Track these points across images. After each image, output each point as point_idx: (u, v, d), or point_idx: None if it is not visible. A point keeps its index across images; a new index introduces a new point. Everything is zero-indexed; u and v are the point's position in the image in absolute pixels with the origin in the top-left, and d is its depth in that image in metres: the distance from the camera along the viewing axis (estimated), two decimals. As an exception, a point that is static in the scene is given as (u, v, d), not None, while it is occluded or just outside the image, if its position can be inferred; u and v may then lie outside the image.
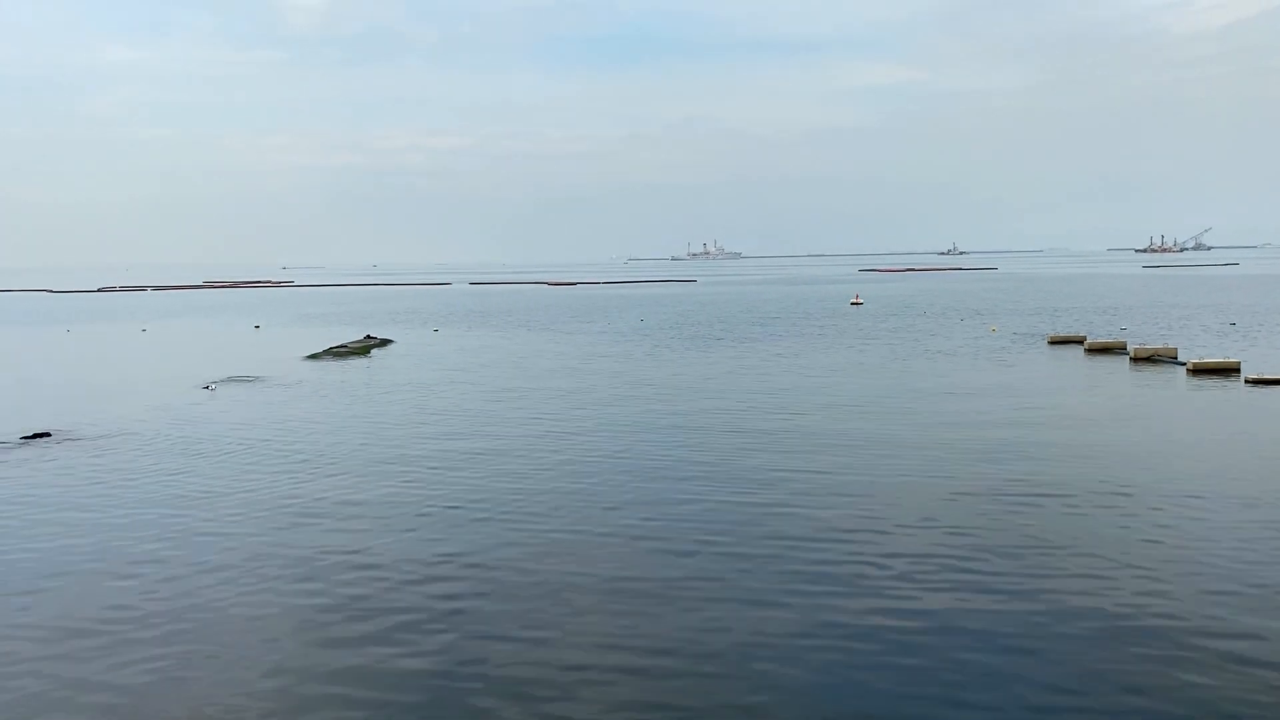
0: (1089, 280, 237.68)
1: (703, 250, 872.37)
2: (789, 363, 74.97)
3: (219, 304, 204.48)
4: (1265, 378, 58.15)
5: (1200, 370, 63.35)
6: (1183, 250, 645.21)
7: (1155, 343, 79.38)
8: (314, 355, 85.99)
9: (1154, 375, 64.22)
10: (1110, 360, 72.84)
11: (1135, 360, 71.27)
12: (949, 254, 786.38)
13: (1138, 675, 20.12)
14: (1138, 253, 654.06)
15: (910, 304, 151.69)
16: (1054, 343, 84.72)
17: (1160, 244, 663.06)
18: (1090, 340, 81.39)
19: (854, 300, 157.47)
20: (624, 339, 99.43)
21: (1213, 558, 26.80)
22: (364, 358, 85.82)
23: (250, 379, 69.91)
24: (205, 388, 65.41)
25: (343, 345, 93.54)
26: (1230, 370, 62.95)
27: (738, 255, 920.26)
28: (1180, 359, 69.31)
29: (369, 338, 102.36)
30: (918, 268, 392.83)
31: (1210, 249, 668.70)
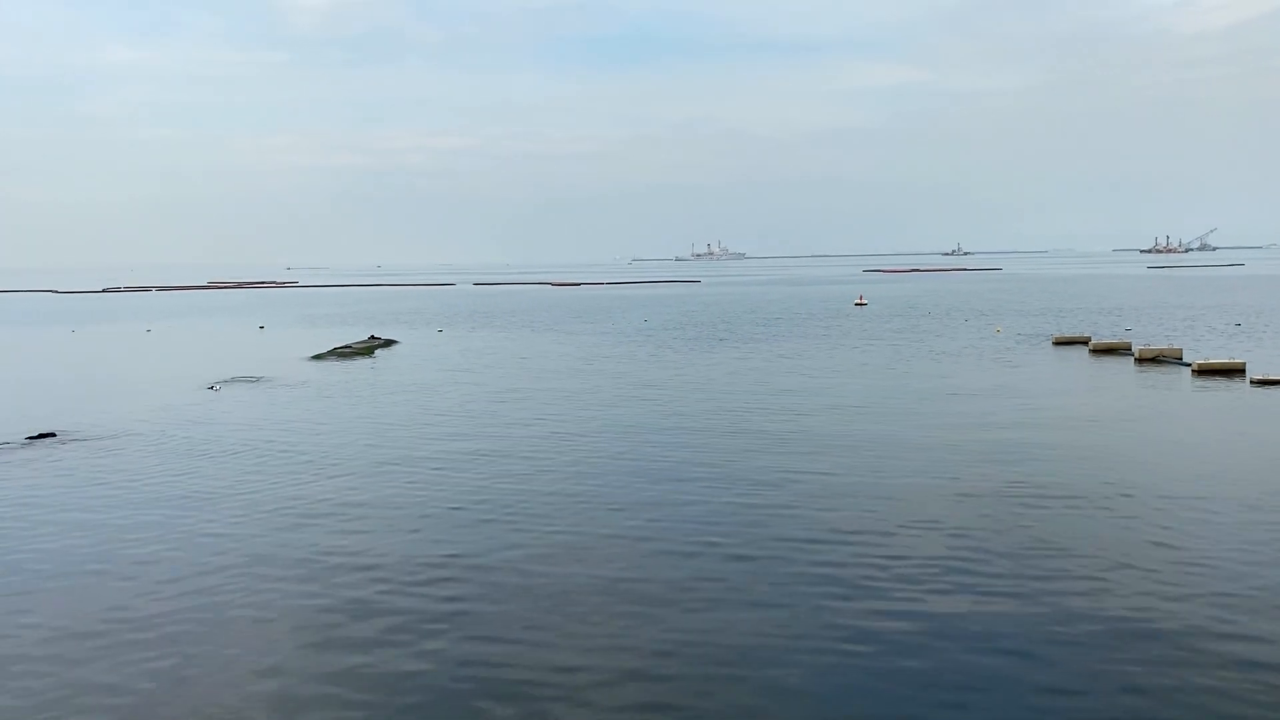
0: (1094, 281, 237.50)
1: (706, 251, 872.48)
2: (793, 364, 74.94)
3: (223, 304, 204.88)
4: (1271, 378, 58.03)
5: (1205, 371, 63.25)
6: (1188, 251, 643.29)
7: (1160, 344, 79.29)
8: (318, 356, 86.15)
9: (1159, 376, 64.11)
10: (1115, 361, 72.74)
11: (1140, 361, 71.18)
12: (953, 254, 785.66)
13: (1141, 678, 20.06)
14: (1143, 253, 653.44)
15: (914, 305, 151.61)
16: (1059, 343, 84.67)
17: (1165, 245, 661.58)
18: (1095, 341, 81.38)
19: (858, 301, 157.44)
20: (628, 339, 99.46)
21: (1217, 560, 26.74)
22: (368, 358, 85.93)
23: (254, 379, 70.02)
24: (209, 388, 65.52)
25: (347, 346, 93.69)
26: (1235, 371, 62.84)
27: (741, 256, 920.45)
28: (1185, 360, 69.23)
29: (373, 338, 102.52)
30: (922, 268, 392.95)
31: (1215, 249, 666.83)
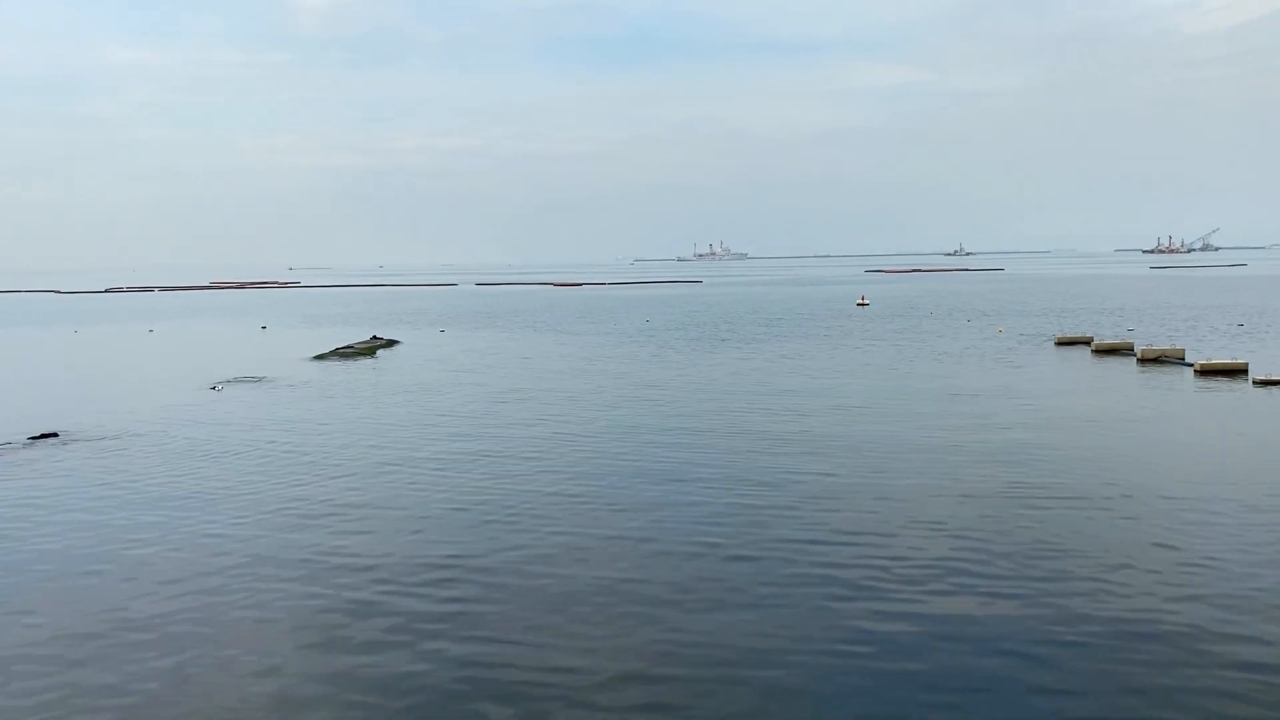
0: (1096, 281, 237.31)
1: (708, 251, 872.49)
2: (794, 364, 74.90)
3: (226, 305, 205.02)
4: (1273, 379, 57.93)
5: (1208, 371, 63.17)
6: (1190, 251, 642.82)
7: (1163, 344, 79.21)
8: (320, 356, 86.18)
9: (1161, 376, 64.03)
10: (1118, 361, 72.66)
11: (1143, 361, 71.10)
12: (955, 255, 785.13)
13: (1143, 679, 20.02)
14: (1145, 253, 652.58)
15: (916, 305, 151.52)
16: (1061, 344, 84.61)
17: (1168, 245, 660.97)
18: (1097, 341, 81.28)
19: (860, 301, 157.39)
20: (630, 340, 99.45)
21: (1219, 561, 26.69)
22: (370, 358, 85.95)
23: (257, 380, 70.06)
24: (212, 388, 65.55)
25: (349, 346, 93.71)
26: (1238, 371, 62.77)
27: (744, 256, 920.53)
28: (1188, 360, 69.16)
29: (375, 338, 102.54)
30: (924, 268, 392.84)
31: (1218, 250, 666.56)
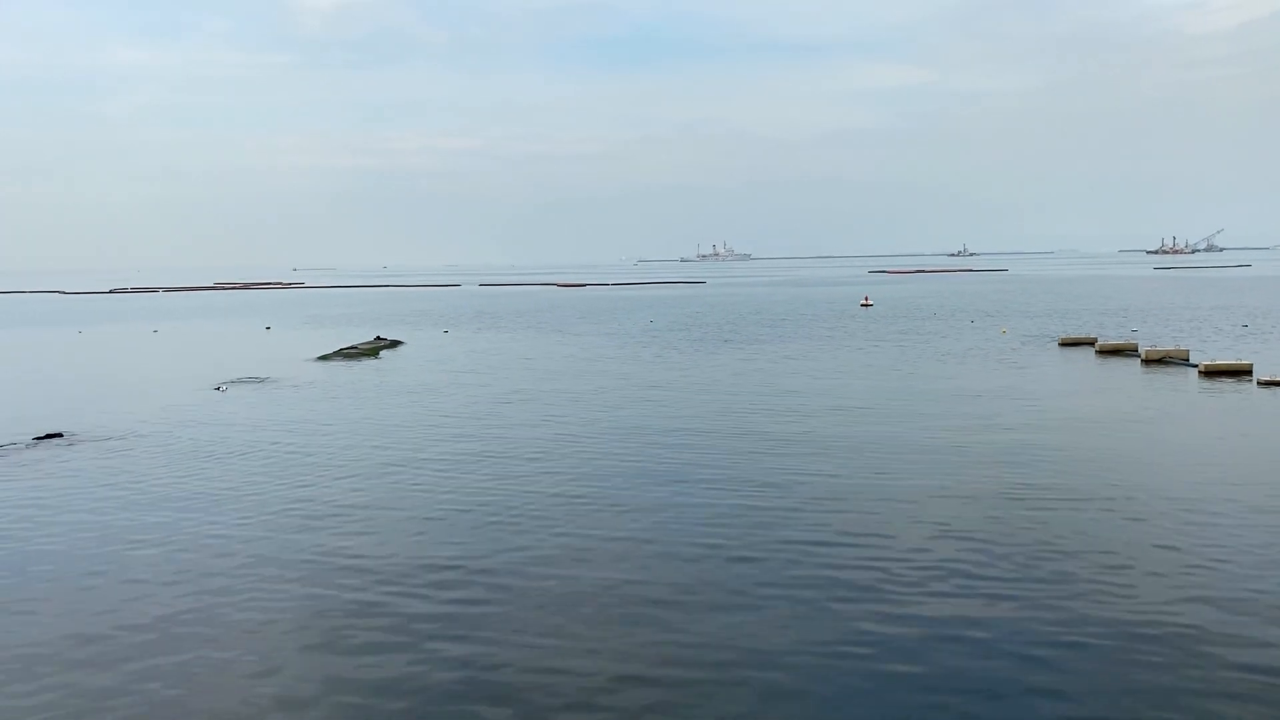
0: (1100, 282, 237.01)
1: (712, 252, 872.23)
2: (798, 365, 74.86)
3: (230, 305, 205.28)
4: (1278, 380, 57.81)
5: (1212, 372, 63.06)
6: (1194, 252, 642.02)
7: (1167, 344, 79.11)
8: (324, 356, 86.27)
9: (1165, 377, 63.93)
10: (1121, 362, 72.55)
11: (1147, 362, 70.99)
12: (959, 255, 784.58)
13: (1147, 681, 19.97)
14: (1149, 254, 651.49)
15: (920, 306, 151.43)
16: (1065, 344, 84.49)
17: (1172, 245, 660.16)
18: (1101, 342, 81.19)
19: (863, 302, 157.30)
20: (633, 340, 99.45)
21: (1225, 564, 26.63)
22: (374, 359, 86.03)
23: (260, 380, 70.12)
24: (216, 389, 65.63)
25: (353, 346, 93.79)
26: (1242, 372, 62.64)
27: (747, 257, 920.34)
28: (1192, 361, 69.05)
29: (379, 339, 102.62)
30: (928, 269, 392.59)
31: (1222, 250, 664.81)
